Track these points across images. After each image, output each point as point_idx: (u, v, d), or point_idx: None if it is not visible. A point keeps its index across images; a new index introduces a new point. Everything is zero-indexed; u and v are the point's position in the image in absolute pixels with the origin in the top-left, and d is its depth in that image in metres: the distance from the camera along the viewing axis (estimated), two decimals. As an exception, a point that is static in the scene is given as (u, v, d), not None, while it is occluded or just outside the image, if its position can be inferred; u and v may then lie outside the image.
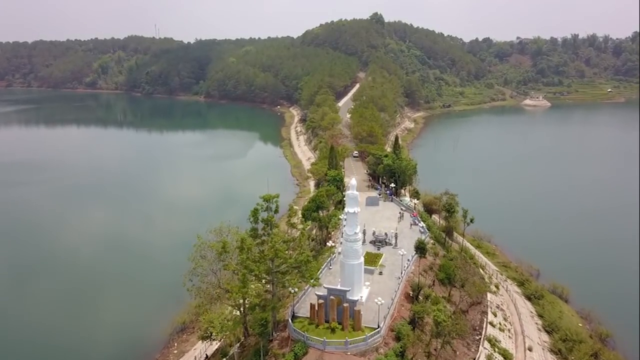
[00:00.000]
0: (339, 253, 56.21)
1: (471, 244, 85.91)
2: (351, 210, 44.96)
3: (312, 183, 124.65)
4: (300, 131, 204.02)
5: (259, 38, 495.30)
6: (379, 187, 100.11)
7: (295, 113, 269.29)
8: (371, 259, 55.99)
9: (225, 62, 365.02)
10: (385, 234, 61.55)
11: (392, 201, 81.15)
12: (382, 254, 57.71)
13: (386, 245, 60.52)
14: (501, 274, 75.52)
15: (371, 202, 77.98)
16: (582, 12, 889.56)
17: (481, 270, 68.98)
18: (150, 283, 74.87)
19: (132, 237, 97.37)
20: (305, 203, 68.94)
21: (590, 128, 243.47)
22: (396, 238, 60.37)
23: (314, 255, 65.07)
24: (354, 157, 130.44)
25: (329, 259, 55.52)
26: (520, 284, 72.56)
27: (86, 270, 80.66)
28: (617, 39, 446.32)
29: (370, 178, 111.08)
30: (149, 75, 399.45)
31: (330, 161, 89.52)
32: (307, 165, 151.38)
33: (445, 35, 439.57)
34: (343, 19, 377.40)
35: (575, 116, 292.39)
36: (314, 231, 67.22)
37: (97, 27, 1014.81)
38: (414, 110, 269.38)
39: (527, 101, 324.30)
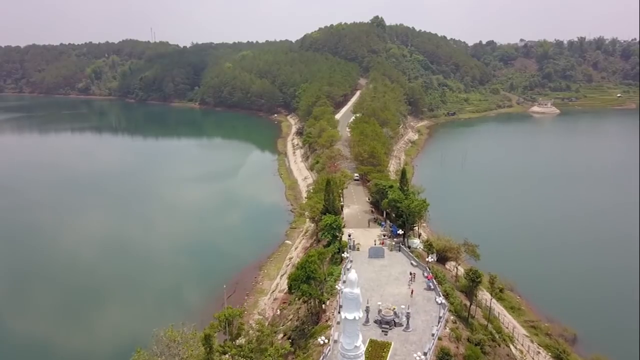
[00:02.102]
0: (335, 341, 43.53)
1: (490, 294, 73.00)
2: (350, 317, 32.17)
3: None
4: (297, 144, 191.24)
5: (257, 42, 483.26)
6: (383, 222, 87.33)
7: (292, 122, 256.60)
8: (376, 353, 43.10)
9: (221, 68, 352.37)
10: (394, 311, 48.59)
11: (399, 250, 68.10)
12: (390, 343, 44.78)
13: (395, 326, 47.63)
14: (532, 342, 62.66)
15: (375, 253, 65.03)
16: (585, 13, 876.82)
17: (512, 348, 56.02)
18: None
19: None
20: (292, 269, 55.98)
21: (606, 140, 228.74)
22: (408, 318, 47.47)
23: (301, 332, 52.23)
24: (355, 179, 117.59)
25: (322, 357, 42.62)
26: (557, 357, 59.61)
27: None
28: (624, 41, 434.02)
29: (373, 208, 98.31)
30: (142, 81, 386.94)
31: (326, 197, 76.61)
32: (303, 186, 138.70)
33: (449, 38, 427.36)
34: (343, 23, 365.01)
35: (586, 125, 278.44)
36: (303, 301, 54.18)
37: (96, 30, 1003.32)
38: (417, 119, 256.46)
39: (535, 108, 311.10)
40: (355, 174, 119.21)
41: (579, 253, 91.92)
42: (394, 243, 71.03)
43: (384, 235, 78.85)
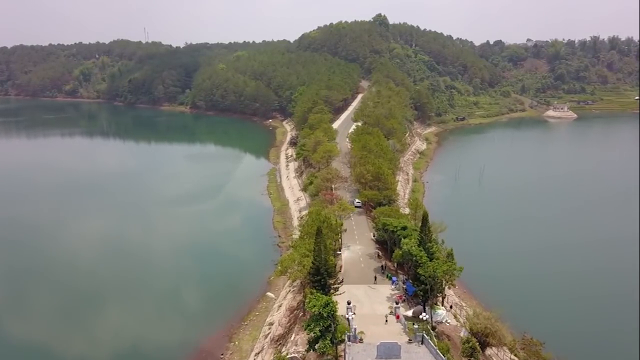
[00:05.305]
0: None
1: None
2: None
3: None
4: (291, 155, 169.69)
5: (254, 42, 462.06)
6: (394, 278, 65.83)
7: (288, 128, 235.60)
8: None
9: (214, 69, 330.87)
10: None
11: (422, 342, 46.26)
12: None
13: None
14: None
15: (387, 352, 42.90)
16: (586, 13, 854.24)
17: None
18: None
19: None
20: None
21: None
22: None
23: None
24: (357, 206, 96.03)
25: None
26: None
27: None
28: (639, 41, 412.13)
29: (380, 251, 76.63)
30: (131, 83, 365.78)
31: (316, 249, 54.86)
32: (294, 209, 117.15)
33: (454, 38, 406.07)
34: (343, 21, 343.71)
35: (609, 132, 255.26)
36: None
37: (93, 30, 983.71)
38: (424, 125, 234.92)
39: (550, 112, 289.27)
40: (357, 201, 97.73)
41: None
42: (413, 325, 49.17)
43: (397, 303, 57.29)
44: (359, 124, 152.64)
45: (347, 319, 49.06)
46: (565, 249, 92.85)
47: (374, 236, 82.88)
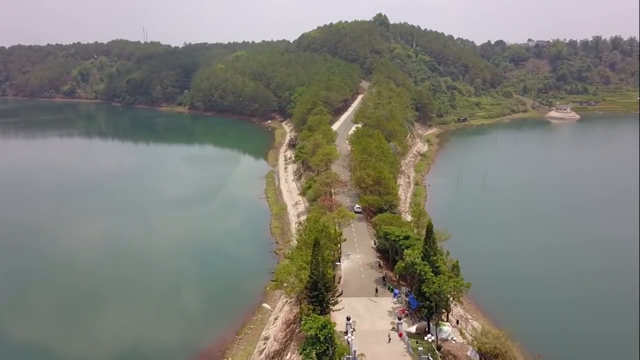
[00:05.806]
0: None
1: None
2: None
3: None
4: (290, 158, 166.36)
5: (253, 42, 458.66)
6: (396, 290, 62.63)
7: (287, 129, 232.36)
8: None
9: (212, 69, 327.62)
10: None
11: (428, 364, 43.10)
12: None
13: None
14: None
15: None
16: (586, 13, 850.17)
17: None
18: None
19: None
20: None
21: None
22: None
23: None
24: (356, 211, 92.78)
25: None
26: None
27: None
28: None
29: (381, 260, 73.42)
30: (129, 84, 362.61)
31: (314, 261, 51.63)
32: (293, 214, 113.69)
33: (455, 38, 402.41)
34: (343, 21, 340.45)
35: (614, 133, 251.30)
36: None
37: (93, 30, 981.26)
38: (425, 126, 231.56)
39: (553, 113, 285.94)
40: (357, 206, 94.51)
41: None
42: (417, 344, 45.92)
43: (399, 318, 54.05)
44: (359, 125, 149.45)
45: (348, 341, 45.64)
46: (577, 255, 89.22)
47: (374, 244, 79.73)
